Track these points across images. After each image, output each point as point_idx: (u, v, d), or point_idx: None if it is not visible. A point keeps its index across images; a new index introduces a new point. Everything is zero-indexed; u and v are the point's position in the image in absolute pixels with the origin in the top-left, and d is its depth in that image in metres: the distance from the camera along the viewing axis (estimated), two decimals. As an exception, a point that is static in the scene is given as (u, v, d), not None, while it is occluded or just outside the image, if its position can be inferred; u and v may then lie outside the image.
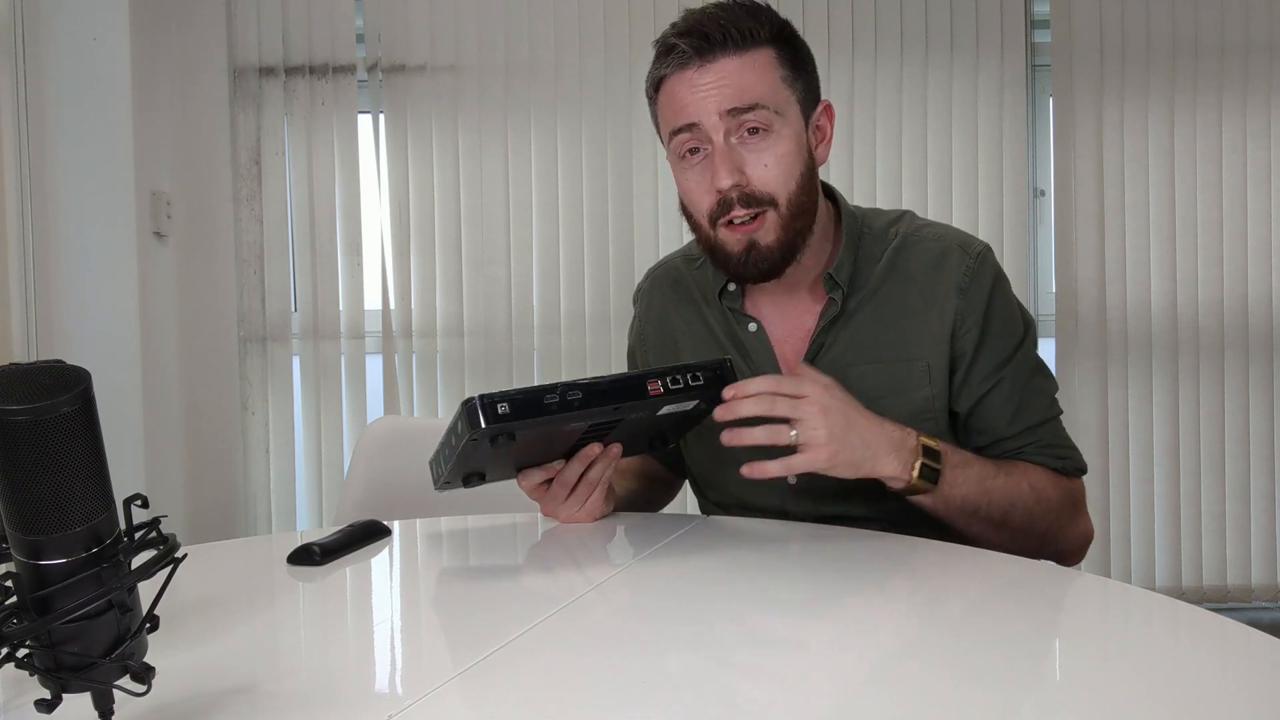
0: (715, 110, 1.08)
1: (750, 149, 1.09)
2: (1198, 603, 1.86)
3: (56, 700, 0.54)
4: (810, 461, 0.99)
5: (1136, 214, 2.84)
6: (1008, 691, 0.66)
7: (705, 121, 1.08)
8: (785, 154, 1.10)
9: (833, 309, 1.17)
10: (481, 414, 0.95)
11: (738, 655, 0.73)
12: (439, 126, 2.83)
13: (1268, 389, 2.87)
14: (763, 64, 1.09)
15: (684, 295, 1.30)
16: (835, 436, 0.99)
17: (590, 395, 1.00)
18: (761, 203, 1.10)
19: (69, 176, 2.43)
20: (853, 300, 1.17)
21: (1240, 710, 0.63)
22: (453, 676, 0.68)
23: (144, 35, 2.55)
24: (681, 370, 1.04)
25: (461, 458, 1.01)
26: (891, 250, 1.19)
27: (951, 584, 0.90)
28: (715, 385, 1.05)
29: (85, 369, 0.53)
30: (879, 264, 1.18)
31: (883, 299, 1.17)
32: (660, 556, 1.00)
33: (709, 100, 1.08)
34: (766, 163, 1.09)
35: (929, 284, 1.16)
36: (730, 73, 1.08)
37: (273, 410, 2.87)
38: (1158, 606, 0.84)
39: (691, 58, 1.09)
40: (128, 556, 0.55)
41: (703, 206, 1.12)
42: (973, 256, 1.17)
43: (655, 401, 1.03)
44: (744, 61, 1.08)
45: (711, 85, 1.08)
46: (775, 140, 1.09)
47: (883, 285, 1.18)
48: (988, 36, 2.82)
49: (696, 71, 1.09)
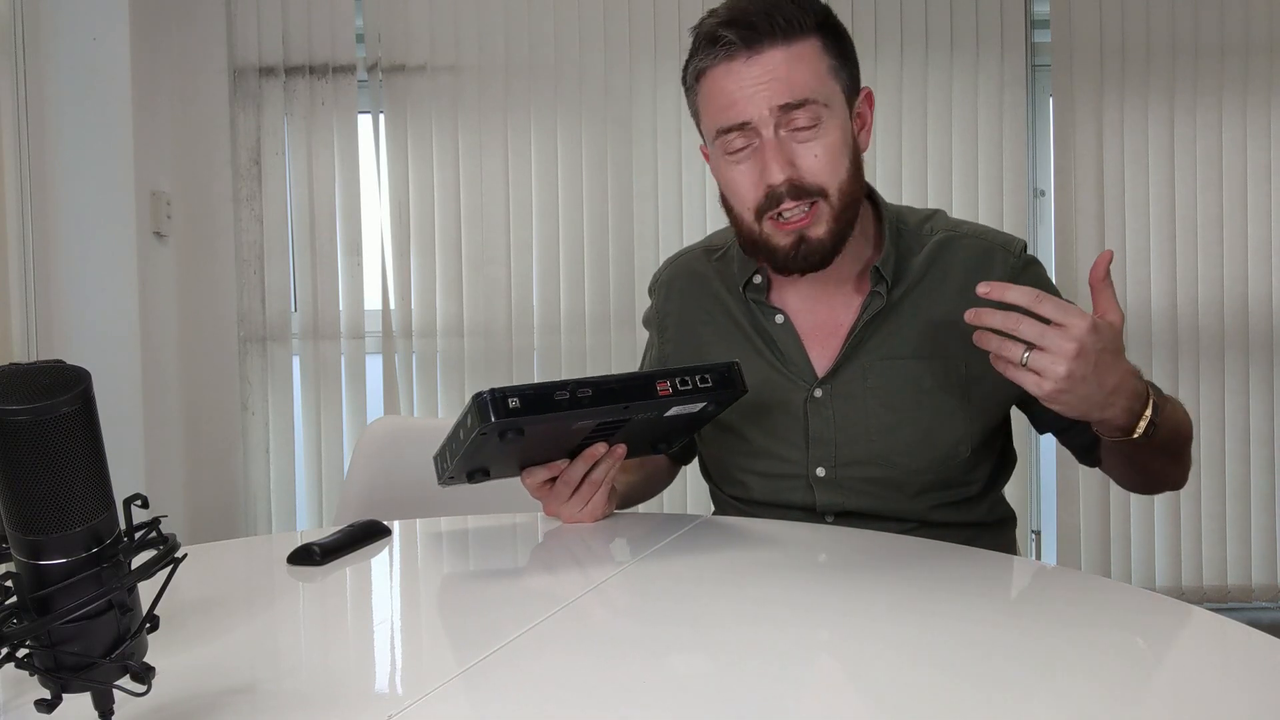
0: (766, 106, 1.06)
1: (800, 141, 1.08)
2: (1198, 603, 1.86)
3: (56, 700, 0.54)
4: (1035, 387, 0.94)
5: (1136, 214, 2.85)
6: (1008, 692, 0.66)
7: (755, 114, 1.06)
8: (834, 144, 1.08)
9: (878, 302, 1.16)
10: (492, 408, 0.96)
11: (737, 656, 0.73)
12: (439, 126, 2.83)
13: (1268, 389, 2.87)
14: (810, 55, 1.07)
15: (705, 287, 1.29)
16: (1074, 377, 0.93)
17: (600, 393, 1.00)
18: (812, 194, 1.09)
19: (69, 176, 2.43)
20: (894, 293, 1.17)
21: (1240, 710, 0.63)
22: (453, 677, 0.68)
23: (144, 35, 2.55)
24: (690, 372, 1.04)
25: (469, 452, 1.01)
26: (934, 245, 1.19)
27: (951, 585, 0.90)
28: (723, 387, 1.05)
29: (85, 369, 0.53)
30: (918, 257, 1.19)
31: (922, 294, 1.17)
32: (660, 557, 1.00)
33: (759, 95, 1.06)
34: (817, 153, 1.08)
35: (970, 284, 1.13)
36: (778, 65, 1.06)
37: (273, 410, 2.87)
38: (1158, 606, 0.84)
39: (739, 49, 1.06)
40: (128, 556, 0.55)
41: (749, 200, 1.11)
42: (1015, 255, 1.18)
43: (664, 402, 1.03)
44: (791, 53, 1.06)
45: (760, 79, 1.06)
46: (824, 132, 1.08)
47: (922, 280, 1.18)
48: (988, 36, 2.82)
49: (744, 64, 1.06)
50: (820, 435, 1.18)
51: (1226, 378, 2.86)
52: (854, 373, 1.17)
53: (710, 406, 1.09)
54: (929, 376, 1.16)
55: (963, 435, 1.16)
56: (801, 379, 1.19)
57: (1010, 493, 1.29)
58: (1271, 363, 2.86)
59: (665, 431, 1.14)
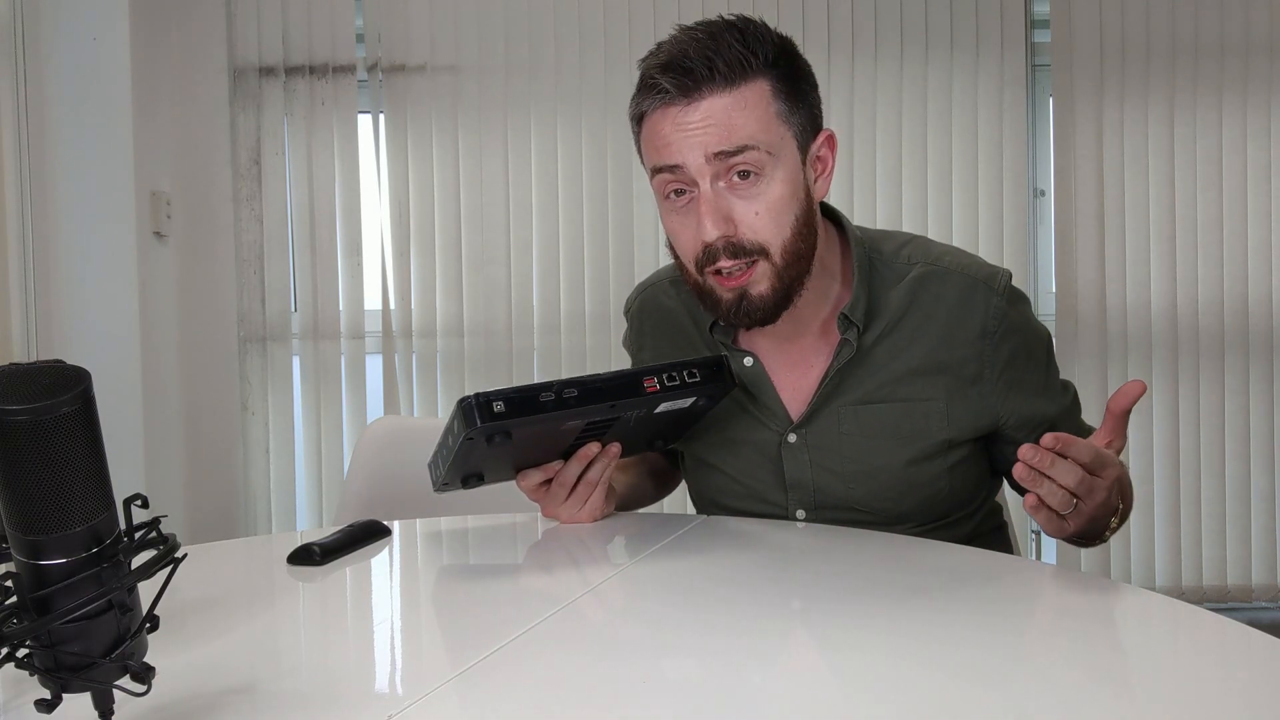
0: (701, 153, 0.99)
1: (740, 195, 1.01)
2: (1198, 603, 1.85)
3: (56, 700, 0.54)
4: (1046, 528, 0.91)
5: (1136, 214, 2.84)
6: (1008, 693, 0.66)
7: (690, 164, 1.00)
8: (778, 199, 1.01)
9: (848, 351, 1.10)
10: (477, 412, 0.95)
11: (736, 657, 0.73)
12: (439, 126, 2.83)
13: (1268, 389, 2.87)
14: (754, 99, 1.00)
15: (674, 322, 1.24)
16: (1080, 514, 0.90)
17: (586, 393, 0.99)
18: (751, 253, 1.02)
19: (69, 176, 2.43)
20: (869, 335, 1.11)
21: (1240, 710, 0.63)
22: (453, 677, 0.68)
23: (144, 35, 2.55)
24: (677, 367, 1.04)
25: (458, 458, 1.01)
26: (912, 280, 1.11)
27: (951, 585, 0.90)
28: (711, 382, 1.04)
29: (85, 369, 0.53)
30: (895, 291, 1.11)
31: (901, 336, 1.11)
32: (660, 557, 1.00)
33: (694, 142, 0.99)
34: (757, 210, 1.01)
35: (950, 326, 1.10)
36: (717, 112, 0.99)
37: (273, 410, 2.87)
38: (1158, 606, 0.84)
39: (675, 98, 1.00)
40: (128, 556, 0.55)
41: (688, 253, 1.05)
42: (999, 293, 1.10)
43: (652, 399, 1.03)
44: (733, 99, 0.99)
45: (697, 126, 0.99)
46: (767, 184, 1.01)
47: (902, 318, 1.11)
48: (988, 36, 2.82)
49: (681, 110, 1.00)
50: (797, 480, 1.14)
51: (1226, 378, 2.86)
52: (828, 419, 1.12)
53: (701, 401, 1.08)
54: (907, 421, 1.10)
55: (940, 473, 1.12)
56: (774, 423, 1.14)
57: (1010, 492, 1.29)
58: (1271, 363, 2.86)
59: (660, 428, 1.13)
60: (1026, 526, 2.87)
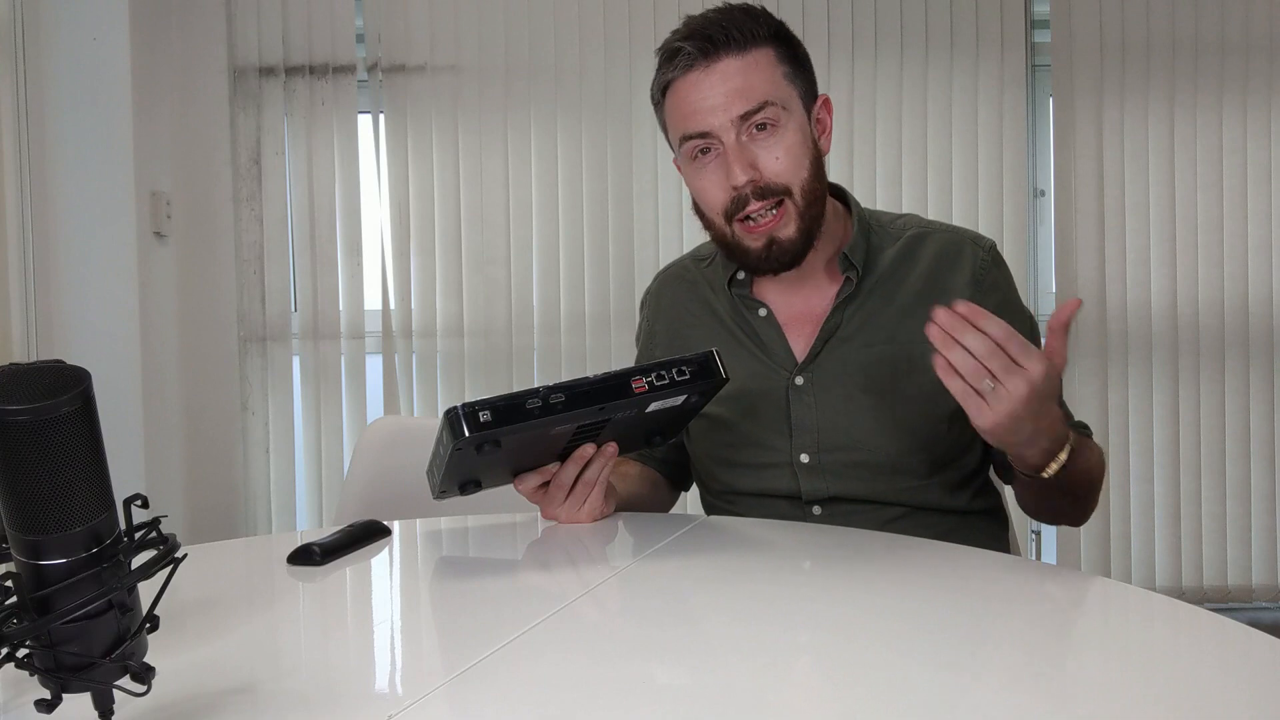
0: (724, 111, 1.12)
1: (761, 144, 1.13)
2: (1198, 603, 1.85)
3: (56, 700, 0.54)
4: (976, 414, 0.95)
5: (1136, 214, 2.84)
6: (1008, 693, 0.66)
7: (716, 123, 1.12)
8: (794, 145, 1.14)
9: (848, 288, 1.21)
10: (464, 423, 0.95)
11: (734, 659, 0.73)
12: (439, 126, 2.83)
13: (1268, 389, 2.87)
14: (765, 62, 1.14)
15: (693, 291, 1.33)
16: (1015, 417, 0.94)
17: (573, 397, 0.98)
18: (777, 193, 1.14)
19: (69, 176, 2.43)
20: (867, 281, 1.22)
21: (1240, 710, 0.63)
22: (453, 677, 0.68)
23: (144, 35, 2.55)
24: (666, 366, 1.03)
25: (451, 467, 1.01)
26: (906, 239, 1.24)
27: (951, 585, 0.90)
28: (702, 378, 1.04)
29: (85, 369, 0.53)
30: (890, 250, 1.23)
31: (895, 283, 1.22)
32: (659, 557, 1.00)
33: (717, 101, 1.12)
34: (778, 155, 1.14)
35: (941, 273, 1.21)
36: (735, 73, 1.12)
37: (273, 410, 2.87)
38: (1158, 606, 0.84)
39: (697, 59, 1.13)
40: (128, 556, 0.55)
41: (717, 204, 1.16)
42: (985, 250, 1.23)
43: (642, 399, 1.02)
44: (747, 61, 1.13)
45: (718, 87, 1.12)
46: (783, 133, 1.14)
47: (895, 270, 1.22)
48: (988, 36, 2.82)
49: (703, 73, 1.13)
50: (802, 422, 1.20)
51: (1226, 378, 2.86)
52: (832, 359, 1.20)
53: (694, 398, 1.07)
54: (906, 361, 1.18)
55: (943, 414, 1.17)
56: (782, 367, 1.22)
57: (1010, 492, 1.29)
58: (1271, 363, 2.86)
59: (655, 425, 1.12)
60: (1026, 527, 2.88)
